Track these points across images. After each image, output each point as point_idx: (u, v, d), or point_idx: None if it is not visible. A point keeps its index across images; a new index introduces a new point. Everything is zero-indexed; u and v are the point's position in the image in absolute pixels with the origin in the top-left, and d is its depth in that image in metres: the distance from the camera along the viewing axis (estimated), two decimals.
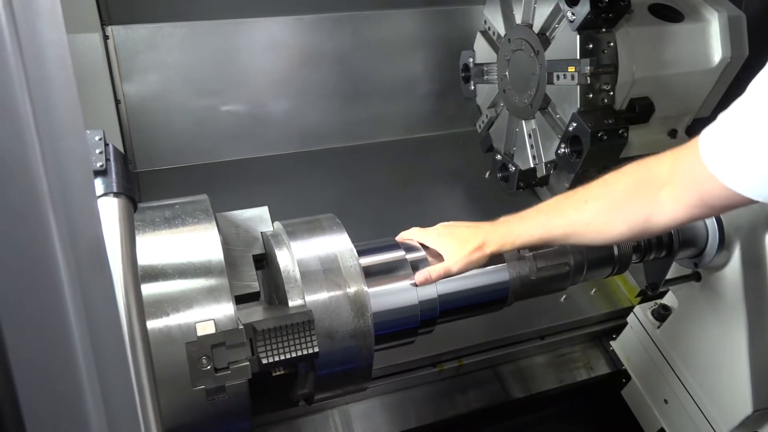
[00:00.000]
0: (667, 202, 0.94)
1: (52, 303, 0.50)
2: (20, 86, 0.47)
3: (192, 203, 1.03)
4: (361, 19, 2.06)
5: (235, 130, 2.05)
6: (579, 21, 1.51)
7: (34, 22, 0.47)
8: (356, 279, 1.05)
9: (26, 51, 0.47)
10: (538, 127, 1.78)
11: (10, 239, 0.47)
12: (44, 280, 0.49)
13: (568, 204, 1.07)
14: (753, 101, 0.81)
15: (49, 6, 0.49)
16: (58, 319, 0.50)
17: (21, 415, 0.49)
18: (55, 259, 0.49)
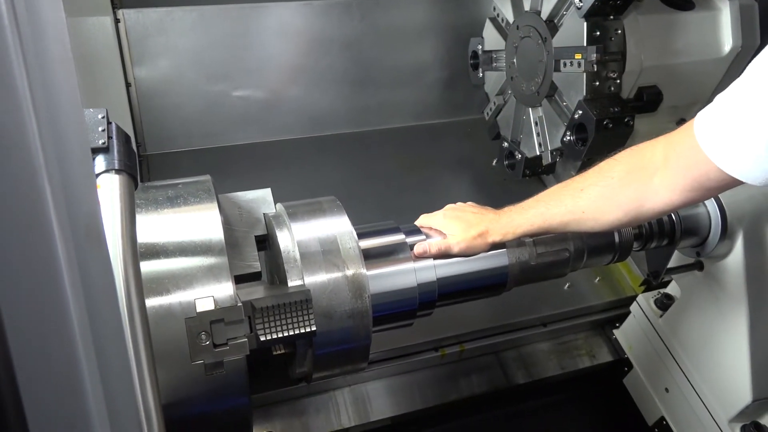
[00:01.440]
0: (661, 188, 0.95)
1: (49, 275, 0.51)
2: (18, 63, 0.48)
3: (195, 183, 1.05)
4: (371, 4, 2.06)
5: (245, 114, 2.07)
6: (586, 8, 1.50)
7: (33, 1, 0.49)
8: (355, 261, 1.06)
9: (24, 29, 0.48)
10: (544, 114, 1.77)
11: (8, 213, 0.48)
12: (40, 253, 0.51)
13: (566, 193, 1.09)
14: (748, 84, 0.81)
15: None
16: (54, 291, 0.52)
17: (17, 385, 0.51)
18: (52, 232, 0.51)
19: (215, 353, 0.91)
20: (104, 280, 0.58)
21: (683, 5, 1.72)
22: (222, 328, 0.92)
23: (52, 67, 0.52)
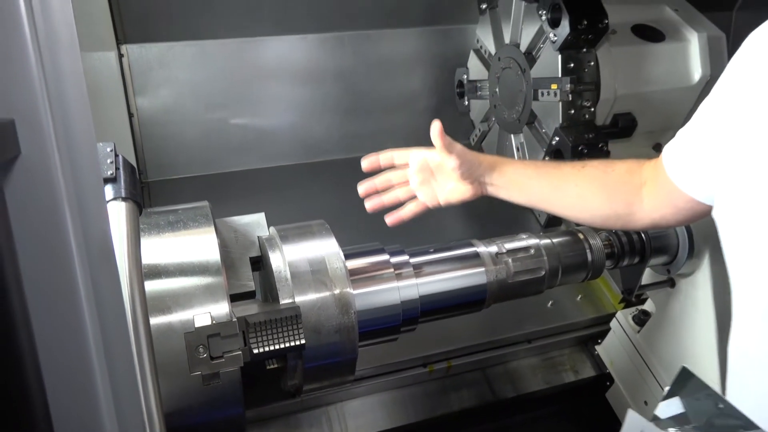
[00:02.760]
0: (647, 199, 1.06)
1: (68, 288, 0.60)
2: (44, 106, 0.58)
3: (193, 209, 1.14)
4: (362, 38, 2.17)
5: (242, 142, 2.16)
6: (560, 42, 1.61)
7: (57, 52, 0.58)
8: (342, 280, 1.15)
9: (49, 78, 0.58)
10: (525, 140, 1.87)
11: (34, 234, 0.57)
12: (61, 269, 0.60)
13: (567, 164, 1.17)
14: (700, 117, 0.91)
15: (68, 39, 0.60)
16: (72, 301, 0.61)
17: (44, 386, 0.59)
18: (71, 251, 0.60)
19: (212, 365, 1.00)
20: (113, 295, 0.66)
21: (654, 37, 1.83)
22: (218, 342, 1.01)
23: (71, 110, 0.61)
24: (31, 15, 0.56)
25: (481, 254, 1.33)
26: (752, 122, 0.78)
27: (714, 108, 0.89)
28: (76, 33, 0.60)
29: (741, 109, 0.80)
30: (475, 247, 1.34)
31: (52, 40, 0.58)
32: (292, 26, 2.07)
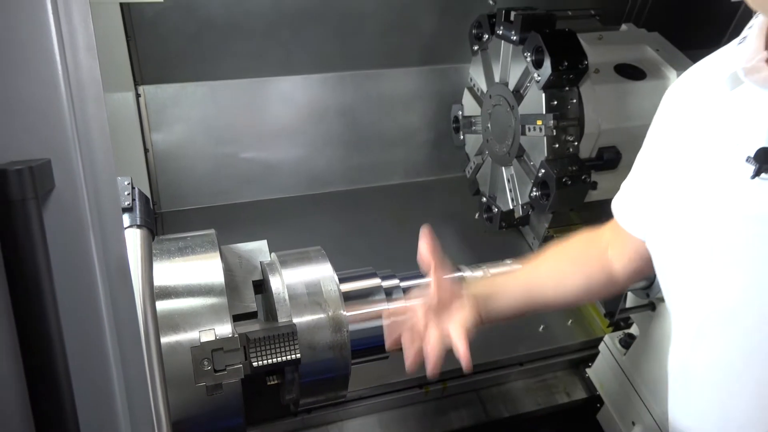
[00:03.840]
0: (615, 259, 1.09)
1: (91, 304, 0.71)
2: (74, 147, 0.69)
3: (201, 236, 1.25)
4: (363, 77, 2.31)
5: (250, 174, 2.29)
6: (543, 81, 1.73)
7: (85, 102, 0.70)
8: (335, 301, 1.25)
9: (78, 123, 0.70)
10: (515, 173, 1.98)
11: (67, 256, 0.68)
12: (86, 287, 0.70)
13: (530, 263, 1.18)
14: (636, 167, 1.04)
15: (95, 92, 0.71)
16: (95, 317, 0.71)
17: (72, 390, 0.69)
18: (94, 270, 0.71)
19: (215, 377, 1.10)
20: (129, 312, 0.77)
21: (636, 75, 1.95)
22: (221, 356, 1.11)
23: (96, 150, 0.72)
24: (66, 73, 0.68)
25: (467, 278, 1.43)
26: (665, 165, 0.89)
27: (643, 156, 1.01)
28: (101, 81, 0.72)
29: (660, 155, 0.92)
30: (462, 272, 1.44)
31: (81, 92, 0.69)
32: (296, 68, 2.21)
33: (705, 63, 0.92)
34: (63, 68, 0.68)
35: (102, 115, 0.74)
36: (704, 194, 0.81)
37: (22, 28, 0.63)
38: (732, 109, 0.78)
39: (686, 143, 0.86)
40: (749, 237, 0.75)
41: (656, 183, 0.92)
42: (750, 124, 0.74)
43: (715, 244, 0.79)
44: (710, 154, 0.81)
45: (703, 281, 0.83)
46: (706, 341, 0.84)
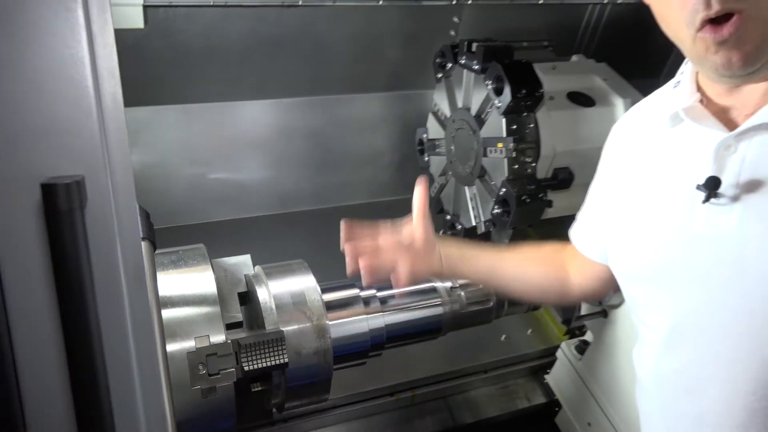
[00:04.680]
0: (572, 275, 1.21)
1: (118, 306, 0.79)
2: (103, 166, 0.78)
3: (192, 250, 1.33)
4: (332, 101, 2.42)
5: (223, 194, 2.36)
6: (503, 107, 1.87)
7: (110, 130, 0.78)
8: (319, 310, 1.35)
9: (104, 147, 0.78)
10: (478, 192, 2.12)
11: (101, 259, 0.76)
12: (114, 290, 0.78)
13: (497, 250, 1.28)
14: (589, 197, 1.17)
15: (119, 122, 0.80)
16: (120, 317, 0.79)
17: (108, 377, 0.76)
18: (120, 277, 0.79)
19: (210, 380, 1.18)
20: (144, 315, 0.84)
21: (586, 102, 2.11)
22: (215, 360, 1.19)
23: (117, 169, 0.81)
24: (98, 99, 0.76)
25: (438, 289, 1.55)
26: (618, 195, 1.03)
27: (596, 188, 1.15)
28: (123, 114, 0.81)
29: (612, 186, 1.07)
30: (433, 282, 1.56)
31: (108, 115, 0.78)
32: (269, 92, 2.30)
33: (645, 103, 1.06)
34: (96, 94, 0.77)
35: (124, 137, 0.83)
36: (661, 218, 0.93)
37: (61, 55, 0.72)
38: (676, 143, 0.92)
39: (636, 174, 1.00)
40: (705, 254, 0.86)
41: (611, 211, 1.05)
42: (695, 155, 0.87)
43: (675, 262, 0.90)
44: (662, 182, 0.94)
45: (667, 296, 0.93)
46: (675, 349, 0.94)
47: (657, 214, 0.94)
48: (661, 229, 0.93)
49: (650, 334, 0.99)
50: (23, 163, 0.70)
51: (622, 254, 1.03)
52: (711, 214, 0.85)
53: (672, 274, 0.91)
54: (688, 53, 0.84)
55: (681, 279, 0.90)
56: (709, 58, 0.79)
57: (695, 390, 0.92)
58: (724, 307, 0.85)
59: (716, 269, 0.85)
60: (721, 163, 0.83)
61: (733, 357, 0.85)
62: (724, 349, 0.86)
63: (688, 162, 0.89)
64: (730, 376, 0.86)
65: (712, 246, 0.85)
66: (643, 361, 1.03)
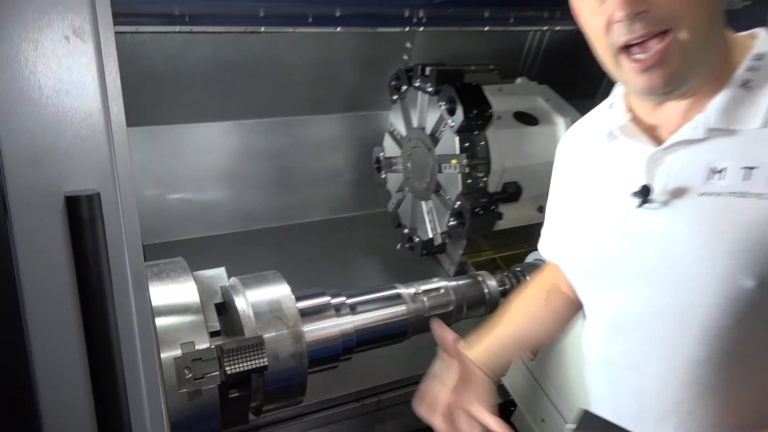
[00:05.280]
0: (567, 287, 1.27)
1: (127, 308, 0.87)
2: (113, 184, 0.86)
3: (173, 263, 1.41)
4: (292, 122, 2.52)
5: (187, 213, 2.42)
6: (456, 126, 2.02)
7: (118, 152, 0.87)
8: (294, 317, 1.44)
9: (113, 167, 0.86)
10: (434, 206, 2.26)
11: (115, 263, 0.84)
12: (124, 294, 0.86)
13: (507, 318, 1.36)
14: (547, 211, 1.30)
15: (123, 137, 0.89)
16: (128, 318, 0.87)
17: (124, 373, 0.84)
18: (128, 282, 0.88)
19: (195, 384, 1.26)
20: (146, 319, 0.92)
21: (531, 121, 2.28)
22: (200, 365, 1.27)
23: (125, 186, 0.89)
24: (110, 129, 0.85)
25: (402, 294, 1.66)
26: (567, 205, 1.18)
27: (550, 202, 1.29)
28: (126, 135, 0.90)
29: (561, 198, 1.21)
30: (398, 289, 1.68)
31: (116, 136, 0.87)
32: (231, 114, 2.39)
33: (584, 122, 1.21)
34: (105, 118, 0.86)
35: (128, 155, 0.92)
36: (601, 222, 1.07)
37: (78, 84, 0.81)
38: (613, 157, 1.07)
39: (580, 184, 1.14)
40: (640, 251, 0.99)
41: (562, 220, 1.20)
42: (629, 167, 1.01)
43: (616, 259, 1.04)
44: (602, 191, 1.08)
45: (610, 289, 1.06)
46: (619, 334, 1.06)
47: (598, 219, 1.07)
48: (603, 232, 1.06)
49: (597, 322, 1.12)
50: (47, 178, 0.79)
51: (570, 254, 1.17)
52: (644, 217, 0.99)
53: (613, 269, 1.05)
54: (614, 75, 0.98)
55: (621, 274, 1.03)
56: (633, 80, 0.93)
57: (638, 368, 1.04)
58: (658, 295, 0.99)
59: (650, 264, 0.99)
60: (651, 174, 0.97)
61: (667, 338, 0.99)
62: (659, 332, 0.99)
63: (623, 173, 1.03)
64: (666, 354, 0.99)
65: (646, 244, 0.99)
66: (592, 346, 1.16)
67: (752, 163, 0.88)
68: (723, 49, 0.94)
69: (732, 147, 0.91)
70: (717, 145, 0.92)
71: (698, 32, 0.88)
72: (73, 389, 0.81)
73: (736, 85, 0.91)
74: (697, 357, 0.95)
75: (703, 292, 0.92)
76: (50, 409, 0.82)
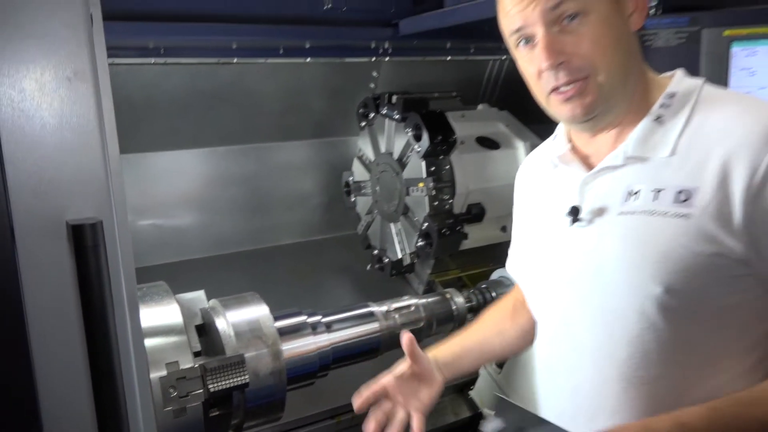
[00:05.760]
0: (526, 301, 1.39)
1: (124, 327, 0.93)
2: (110, 212, 0.93)
3: (155, 286, 1.47)
4: (264, 149, 2.59)
5: (159, 239, 2.46)
6: (422, 152, 2.13)
7: (114, 184, 0.94)
8: (273, 336, 1.51)
9: (110, 199, 0.93)
10: (402, 227, 2.35)
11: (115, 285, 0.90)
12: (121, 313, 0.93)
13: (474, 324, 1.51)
14: (512, 233, 1.42)
15: (118, 169, 0.96)
16: (125, 338, 0.93)
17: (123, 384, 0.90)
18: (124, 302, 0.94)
19: (180, 401, 1.31)
20: (138, 338, 0.99)
21: (492, 146, 2.41)
22: (184, 383, 1.32)
23: (119, 216, 0.96)
24: (107, 161, 0.92)
25: (375, 312, 1.74)
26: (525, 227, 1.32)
27: (515, 225, 1.41)
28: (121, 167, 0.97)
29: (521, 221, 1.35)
30: (370, 307, 1.76)
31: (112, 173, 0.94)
32: (204, 141, 2.45)
33: (538, 150, 1.36)
34: (103, 151, 0.93)
35: (122, 185, 0.99)
36: (545, 239, 1.22)
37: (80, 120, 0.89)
38: (555, 182, 1.21)
39: (533, 206, 1.30)
40: (573, 263, 1.14)
41: (522, 241, 1.34)
42: (567, 189, 1.16)
43: (554, 271, 1.19)
44: (546, 211, 1.23)
45: (551, 298, 1.22)
46: (560, 340, 1.21)
47: (543, 236, 1.23)
48: (546, 247, 1.22)
49: (544, 327, 1.26)
50: (51, 207, 0.85)
51: (524, 270, 1.32)
52: (576, 233, 1.13)
53: (553, 280, 1.20)
54: (547, 110, 1.13)
55: (559, 284, 1.18)
56: (559, 110, 1.08)
57: (573, 371, 1.18)
58: (589, 301, 1.12)
59: (582, 274, 1.13)
60: (582, 196, 1.12)
61: (597, 340, 1.12)
62: (591, 335, 1.13)
63: (562, 195, 1.17)
64: (596, 356, 1.12)
65: (579, 257, 1.13)
66: (539, 353, 1.29)
67: (660, 186, 1.02)
68: (643, 88, 1.10)
69: (645, 172, 1.05)
70: (634, 170, 1.07)
71: (614, 75, 1.03)
72: (77, 410, 0.87)
73: (650, 120, 1.07)
74: (621, 356, 1.07)
75: (624, 298, 1.05)
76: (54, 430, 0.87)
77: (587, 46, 1.01)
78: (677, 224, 0.99)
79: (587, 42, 1.01)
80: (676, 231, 0.99)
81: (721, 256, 0.97)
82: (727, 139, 0.97)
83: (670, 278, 0.99)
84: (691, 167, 1.00)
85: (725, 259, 0.97)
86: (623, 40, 1.06)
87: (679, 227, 0.99)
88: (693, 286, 0.99)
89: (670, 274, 0.99)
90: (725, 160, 0.96)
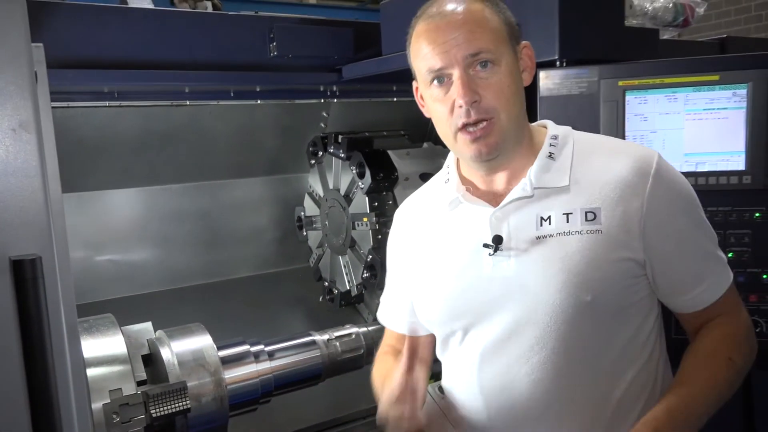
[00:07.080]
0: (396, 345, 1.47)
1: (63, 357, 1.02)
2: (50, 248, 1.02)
3: (102, 318, 1.55)
4: (218, 185, 2.69)
5: (115, 274, 2.52)
6: (366, 188, 2.26)
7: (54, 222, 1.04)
8: (215, 364, 1.60)
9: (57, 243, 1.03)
10: (350, 260, 2.46)
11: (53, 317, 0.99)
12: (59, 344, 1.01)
13: None
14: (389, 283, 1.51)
15: (59, 209, 1.06)
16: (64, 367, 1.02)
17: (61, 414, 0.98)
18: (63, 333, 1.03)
19: (123, 427, 1.39)
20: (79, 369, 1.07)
21: None
22: (127, 409, 1.40)
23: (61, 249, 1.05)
24: (48, 202, 1.02)
25: (316, 341, 1.84)
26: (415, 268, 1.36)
27: (390, 273, 1.49)
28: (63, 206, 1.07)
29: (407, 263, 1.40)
30: (312, 336, 1.85)
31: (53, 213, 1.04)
32: (159, 179, 2.54)
33: (418, 195, 1.44)
34: (44, 193, 1.03)
35: (63, 224, 1.09)
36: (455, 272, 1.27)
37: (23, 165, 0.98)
38: (457, 219, 1.29)
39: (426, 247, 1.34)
40: (496, 290, 1.22)
41: (410, 283, 1.37)
42: (475, 224, 1.25)
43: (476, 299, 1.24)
44: (451, 247, 1.29)
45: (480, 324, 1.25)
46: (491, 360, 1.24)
47: (451, 270, 1.28)
48: (458, 279, 1.27)
49: (467, 357, 1.29)
50: None
51: (429, 308, 1.34)
52: (496, 262, 1.22)
53: (476, 307, 1.26)
54: (452, 148, 1.24)
55: (482, 311, 1.25)
56: (466, 149, 1.19)
57: (508, 386, 1.23)
58: (516, 323, 1.21)
59: (506, 299, 1.22)
60: (496, 227, 1.22)
61: (530, 352, 1.20)
62: (523, 348, 1.21)
63: (471, 230, 1.26)
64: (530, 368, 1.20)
65: (501, 284, 1.22)
66: (465, 380, 1.32)
67: (568, 210, 1.19)
68: (529, 134, 1.26)
69: (552, 200, 1.20)
70: (541, 199, 1.21)
71: (512, 119, 1.19)
72: None
73: (544, 157, 1.23)
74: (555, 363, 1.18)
75: (554, 309, 1.17)
76: None
77: (495, 91, 1.16)
78: (593, 239, 1.15)
79: (495, 88, 1.16)
80: (594, 245, 1.15)
81: (630, 260, 1.16)
82: (610, 173, 1.18)
83: (596, 285, 1.14)
84: (590, 192, 1.18)
85: (632, 262, 1.16)
86: (520, 92, 1.22)
87: (596, 241, 1.15)
88: (615, 289, 1.15)
89: (596, 282, 1.14)
90: (615, 186, 1.17)
